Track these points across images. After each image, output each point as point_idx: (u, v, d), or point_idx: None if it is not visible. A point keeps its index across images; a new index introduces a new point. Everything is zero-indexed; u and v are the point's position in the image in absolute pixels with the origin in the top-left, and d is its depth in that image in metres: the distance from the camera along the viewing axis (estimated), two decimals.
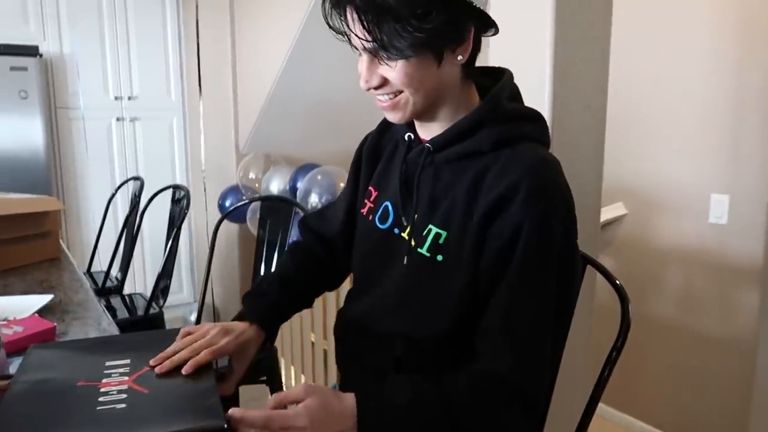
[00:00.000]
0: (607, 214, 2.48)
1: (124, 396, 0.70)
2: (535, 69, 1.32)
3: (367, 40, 0.78)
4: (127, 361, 0.79)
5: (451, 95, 0.86)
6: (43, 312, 1.26)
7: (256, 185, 2.72)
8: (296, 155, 2.98)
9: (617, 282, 0.93)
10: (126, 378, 0.75)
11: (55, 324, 1.13)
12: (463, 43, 0.81)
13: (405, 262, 0.89)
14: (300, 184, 2.23)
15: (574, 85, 1.34)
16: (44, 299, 1.31)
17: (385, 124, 1.04)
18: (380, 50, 0.79)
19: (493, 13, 1.10)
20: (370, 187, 1.01)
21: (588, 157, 1.43)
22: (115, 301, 2.16)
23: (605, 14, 1.39)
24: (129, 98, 3.51)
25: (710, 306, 2.23)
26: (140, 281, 3.61)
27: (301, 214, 1.69)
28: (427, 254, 0.86)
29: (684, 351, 2.31)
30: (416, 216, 0.89)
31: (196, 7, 3.35)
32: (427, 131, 0.91)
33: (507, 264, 0.78)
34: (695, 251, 2.26)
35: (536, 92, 1.31)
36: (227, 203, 2.84)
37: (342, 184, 2.14)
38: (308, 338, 2.54)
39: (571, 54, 1.32)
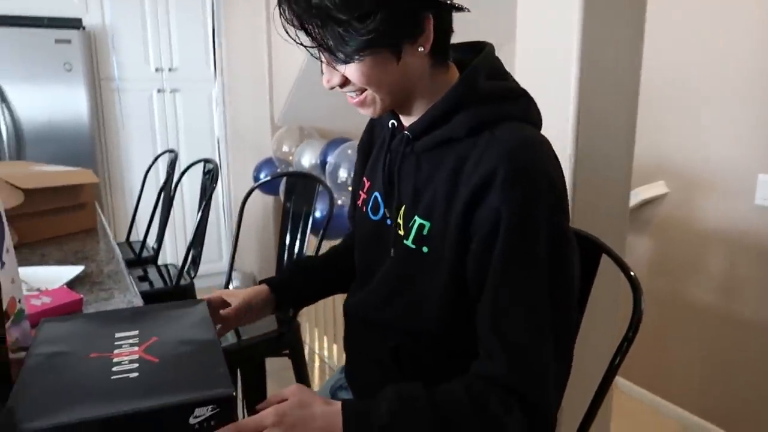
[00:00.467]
0: (646, 192, 2.40)
1: (135, 365, 0.72)
2: (561, 42, 1.26)
3: (313, 46, 0.77)
4: (136, 332, 0.82)
5: (422, 84, 0.83)
6: (73, 283, 1.31)
7: (290, 158, 2.73)
8: (329, 128, 2.97)
9: (631, 273, 0.89)
10: (136, 348, 0.77)
11: (83, 296, 1.18)
12: (422, 34, 0.77)
13: (392, 254, 0.88)
14: (330, 158, 2.23)
15: (604, 60, 1.28)
16: (75, 271, 1.36)
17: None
18: (329, 55, 0.77)
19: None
20: (364, 178, 1.00)
21: (618, 135, 1.37)
22: (151, 271, 2.24)
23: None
24: (169, 70, 3.57)
25: (753, 291, 2.13)
26: (181, 252, 3.72)
27: (321, 189, 1.70)
28: (413, 246, 0.84)
29: (723, 336, 2.23)
30: (403, 207, 0.87)
31: None
32: (408, 119, 0.88)
33: (490, 256, 0.75)
34: (740, 234, 2.16)
35: (561, 69, 1.26)
36: (262, 175, 2.87)
37: None
38: (333, 304, 2.57)
39: (601, 28, 1.26)
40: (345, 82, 0.81)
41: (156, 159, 2.87)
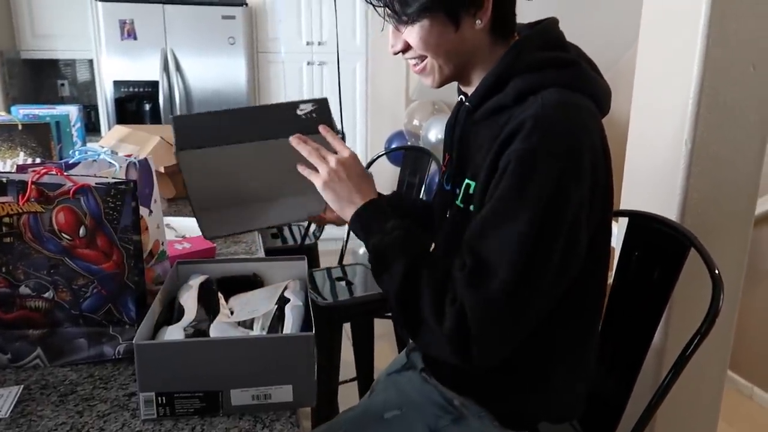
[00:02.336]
0: None
1: None
2: (688, 21, 1.19)
3: (380, 6, 0.84)
4: None
5: (481, 58, 0.87)
6: None
7: (420, 131, 2.82)
8: None
9: (716, 271, 0.86)
10: None
11: (215, 244, 1.38)
12: (480, 9, 0.82)
13: (447, 215, 0.95)
14: None
15: (735, 39, 1.19)
16: None
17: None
18: (394, 16, 0.84)
19: None
20: (446, 154, 1.05)
21: (748, 126, 1.26)
22: (285, 229, 2.47)
23: None
24: (319, 43, 3.81)
25: None
26: None
27: (435, 165, 1.76)
28: (461, 205, 0.89)
29: None
30: (458, 171, 0.93)
31: None
32: (470, 90, 0.91)
33: (495, 189, 0.78)
34: None
35: (683, 51, 1.19)
36: (393, 146, 3.00)
37: None
38: None
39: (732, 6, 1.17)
40: (407, 47, 0.87)
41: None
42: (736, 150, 1.26)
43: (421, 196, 1.87)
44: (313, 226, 2.25)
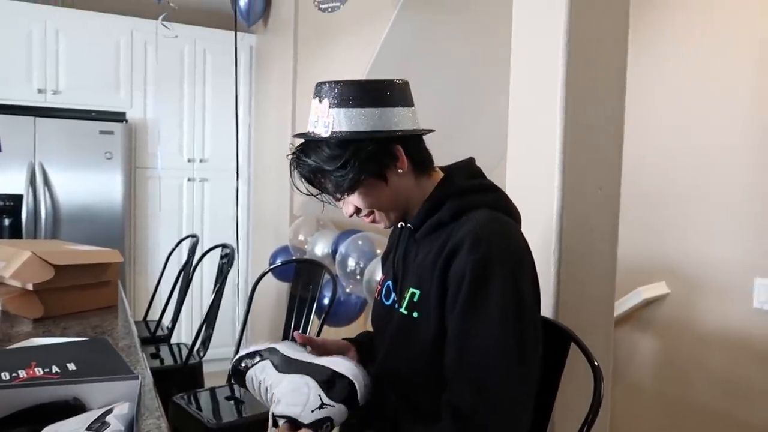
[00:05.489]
0: (649, 292, 2.45)
1: None
2: (545, 153, 1.40)
3: (320, 193, 1.05)
4: None
5: (414, 193, 1.06)
6: None
7: (305, 246, 2.87)
8: (343, 219, 3.12)
9: (595, 362, 0.97)
10: None
11: None
12: (397, 161, 1.02)
13: (391, 322, 1.05)
14: (341, 248, 2.36)
15: (585, 166, 1.41)
16: None
17: (391, 233, 1.25)
18: (332, 195, 1.04)
19: (512, 92, 1.25)
20: (382, 276, 1.19)
21: (602, 238, 1.46)
22: (163, 349, 2.32)
23: (618, 92, 1.46)
24: (200, 161, 3.83)
25: (756, 395, 2.12)
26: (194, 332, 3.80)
27: (328, 276, 1.80)
28: (405, 312, 1.00)
29: None
30: (402, 284, 1.05)
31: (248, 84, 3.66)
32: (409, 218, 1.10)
33: (455, 303, 0.91)
34: (740, 337, 2.18)
35: (545, 175, 1.38)
36: (277, 262, 3.00)
37: (380, 251, 2.25)
38: None
39: (582, 137, 1.40)
40: (357, 210, 1.06)
41: (179, 243, 3.03)
42: (593, 259, 1.45)
43: (312, 311, 1.89)
44: (198, 343, 2.15)
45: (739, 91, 2.20)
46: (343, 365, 0.96)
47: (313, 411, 0.92)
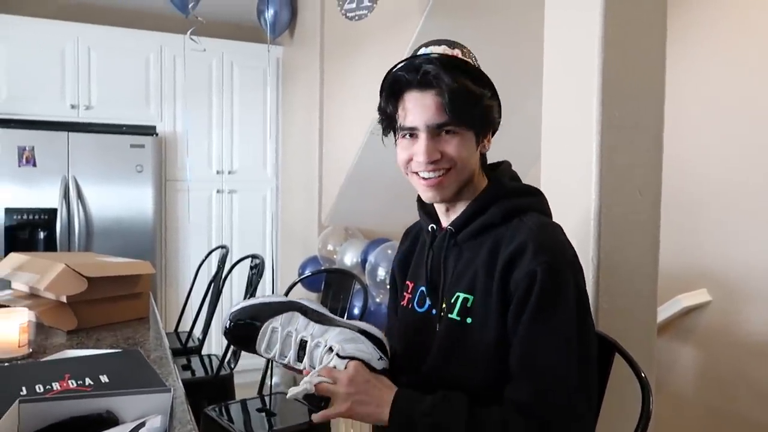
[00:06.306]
0: (689, 300, 2.37)
1: None
2: (581, 155, 1.35)
3: (442, 115, 0.94)
4: None
5: (474, 179, 1.02)
6: None
7: (334, 256, 2.85)
8: (372, 228, 3.11)
9: (642, 374, 0.92)
10: None
11: None
12: (490, 136, 1.02)
13: (437, 329, 1.00)
14: (370, 257, 2.33)
15: (623, 169, 1.36)
16: None
17: (404, 236, 1.22)
18: (452, 122, 0.95)
19: (546, 92, 1.23)
20: (407, 282, 1.13)
21: (642, 244, 1.41)
22: (194, 360, 2.32)
23: (657, 93, 1.41)
24: (229, 172, 3.86)
25: None
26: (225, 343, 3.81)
27: (359, 286, 1.78)
28: (458, 318, 0.96)
29: None
30: (445, 289, 1.00)
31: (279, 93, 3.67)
32: (447, 219, 1.05)
33: (525, 307, 0.88)
34: None
35: (581, 177, 1.34)
36: (306, 272, 2.99)
37: None
38: None
39: (619, 138, 1.35)
40: (439, 159, 0.97)
41: (208, 254, 3.05)
42: (633, 266, 1.39)
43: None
44: (229, 354, 2.14)
45: None
46: (375, 329, 1.00)
47: (379, 359, 0.96)
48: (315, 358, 0.97)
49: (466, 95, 0.94)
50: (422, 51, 0.99)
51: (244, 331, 1.02)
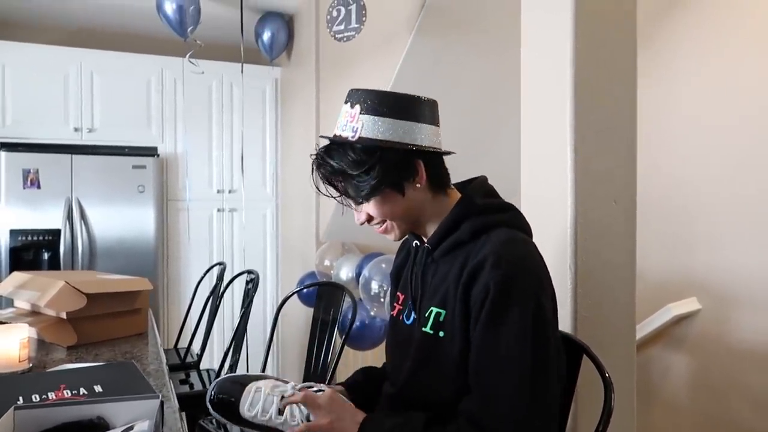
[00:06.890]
0: (679, 309, 2.40)
1: None
2: (558, 166, 1.41)
3: (339, 196, 1.07)
4: None
5: (428, 210, 1.08)
6: None
7: (330, 271, 2.90)
8: (367, 244, 3.16)
9: (606, 374, 0.96)
10: None
11: None
12: (417, 175, 1.04)
13: (413, 342, 1.06)
14: (364, 271, 2.38)
15: (598, 178, 1.41)
16: None
17: (399, 249, 1.29)
18: (351, 200, 1.06)
19: (523, 112, 1.28)
20: (398, 293, 1.20)
21: (619, 250, 1.46)
22: (193, 375, 2.37)
23: (630, 106, 1.47)
24: (229, 191, 3.93)
25: None
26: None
27: (349, 299, 1.83)
28: (431, 332, 1.02)
29: None
30: (422, 303, 1.07)
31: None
32: (426, 236, 1.12)
33: (479, 319, 0.94)
34: None
35: (558, 187, 1.39)
36: (302, 286, 3.03)
37: None
38: None
39: (593, 148, 1.40)
40: (369, 218, 1.08)
41: (207, 271, 3.10)
42: (610, 273, 1.44)
43: (335, 333, 1.91)
44: (225, 369, 2.18)
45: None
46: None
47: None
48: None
49: (352, 179, 1.02)
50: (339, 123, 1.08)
51: (230, 390, 1.12)
